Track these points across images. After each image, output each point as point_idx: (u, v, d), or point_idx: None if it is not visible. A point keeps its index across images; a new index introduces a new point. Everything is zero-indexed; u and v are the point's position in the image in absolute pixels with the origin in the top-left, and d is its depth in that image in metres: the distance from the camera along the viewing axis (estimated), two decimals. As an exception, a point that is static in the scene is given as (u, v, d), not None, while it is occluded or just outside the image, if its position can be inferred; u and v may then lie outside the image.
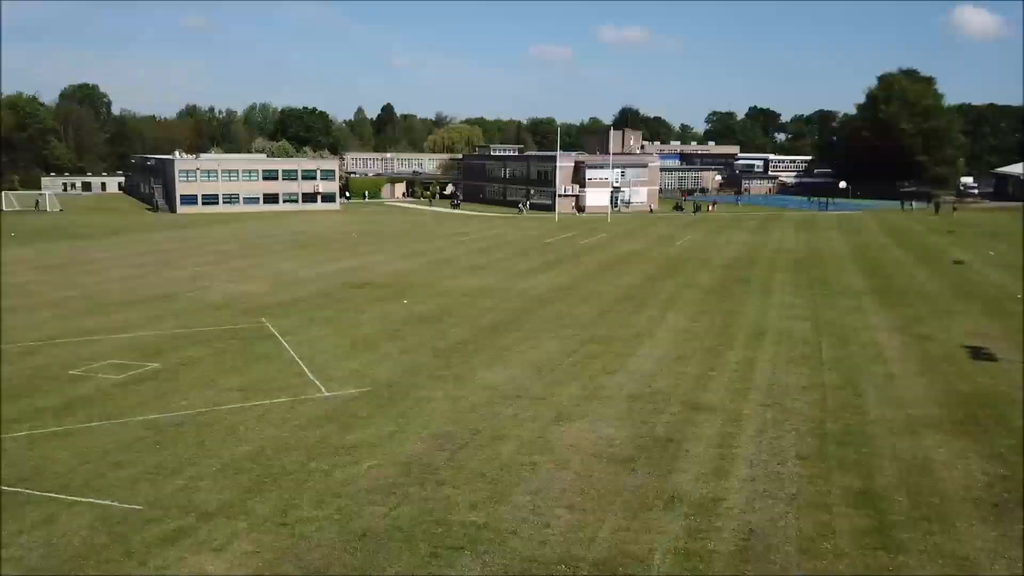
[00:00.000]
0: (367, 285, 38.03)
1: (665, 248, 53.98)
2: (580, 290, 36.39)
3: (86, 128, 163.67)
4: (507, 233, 66.09)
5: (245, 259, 48.40)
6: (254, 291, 36.50)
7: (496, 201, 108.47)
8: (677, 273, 41.79)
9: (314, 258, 48.61)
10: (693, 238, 61.06)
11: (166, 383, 21.41)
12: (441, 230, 68.29)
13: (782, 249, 53.15)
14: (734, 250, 52.47)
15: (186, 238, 61.06)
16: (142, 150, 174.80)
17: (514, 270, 43.32)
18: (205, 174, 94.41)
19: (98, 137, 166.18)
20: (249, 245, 56.06)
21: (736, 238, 60.49)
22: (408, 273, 42.16)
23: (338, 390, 20.70)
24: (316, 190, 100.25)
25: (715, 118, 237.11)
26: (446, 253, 51.50)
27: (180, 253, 51.37)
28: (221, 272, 42.71)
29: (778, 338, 26.54)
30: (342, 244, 56.54)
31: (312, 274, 41.94)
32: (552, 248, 54.23)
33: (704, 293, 35.52)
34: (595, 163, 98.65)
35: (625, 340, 26.24)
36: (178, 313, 31.27)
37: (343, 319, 30.11)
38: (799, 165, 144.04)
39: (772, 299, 33.98)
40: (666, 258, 48.25)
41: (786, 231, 66.39)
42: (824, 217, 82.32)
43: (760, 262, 46.25)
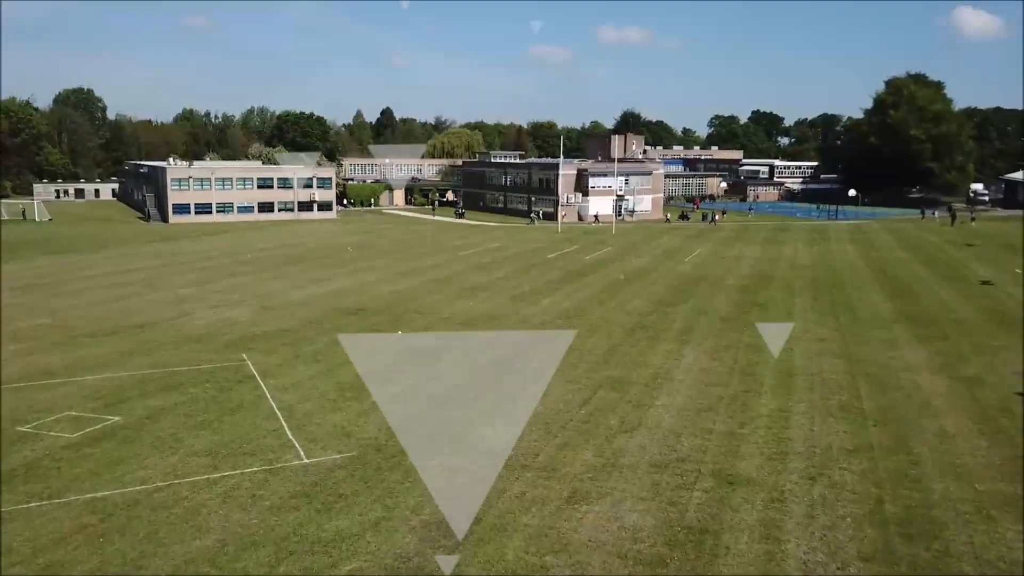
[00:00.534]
0: (360, 311, 35.51)
1: (674, 264, 51.46)
2: (587, 317, 33.88)
3: (81, 133, 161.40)
4: (508, 246, 63.57)
5: (233, 278, 45.88)
6: (238, 318, 33.99)
7: (497, 209, 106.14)
8: (690, 296, 39.26)
9: (306, 276, 46.09)
10: (702, 252, 58.55)
11: (125, 445, 18.89)
12: (440, 243, 65.78)
13: (797, 265, 50.63)
14: (747, 267, 49.96)
15: (174, 253, 58.55)
16: (138, 155, 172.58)
17: (516, 291, 40.80)
18: (198, 183, 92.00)
19: (93, 142, 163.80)
20: (239, 261, 53.54)
21: (747, 252, 57.98)
22: (404, 295, 39.64)
23: (319, 454, 18.20)
24: (312, 198, 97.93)
25: (718, 122, 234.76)
26: (445, 270, 48.99)
27: (165, 271, 48.86)
28: (206, 294, 40.19)
29: (810, 381, 24.01)
30: (336, 260, 54.03)
31: (302, 296, 39.43)
32: (555, 264, 51.72)
33: (721, 322, 32.99)
34: (598, 171, 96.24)
35: (641, 385, 23.72)
36: (153, 347, 28.75)
37: (332, 355, 27.59)
38: (805, 171, 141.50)
39: (795, 329, 31.44)
40: (676, 277, 45.71)
41: (798, 244, 63.87)
42: (835, 227, 79.81)
43: (776, 282, 43.72)
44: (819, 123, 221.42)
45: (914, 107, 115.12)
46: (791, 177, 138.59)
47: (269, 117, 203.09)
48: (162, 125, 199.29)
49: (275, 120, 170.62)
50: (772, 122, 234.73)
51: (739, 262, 52.19)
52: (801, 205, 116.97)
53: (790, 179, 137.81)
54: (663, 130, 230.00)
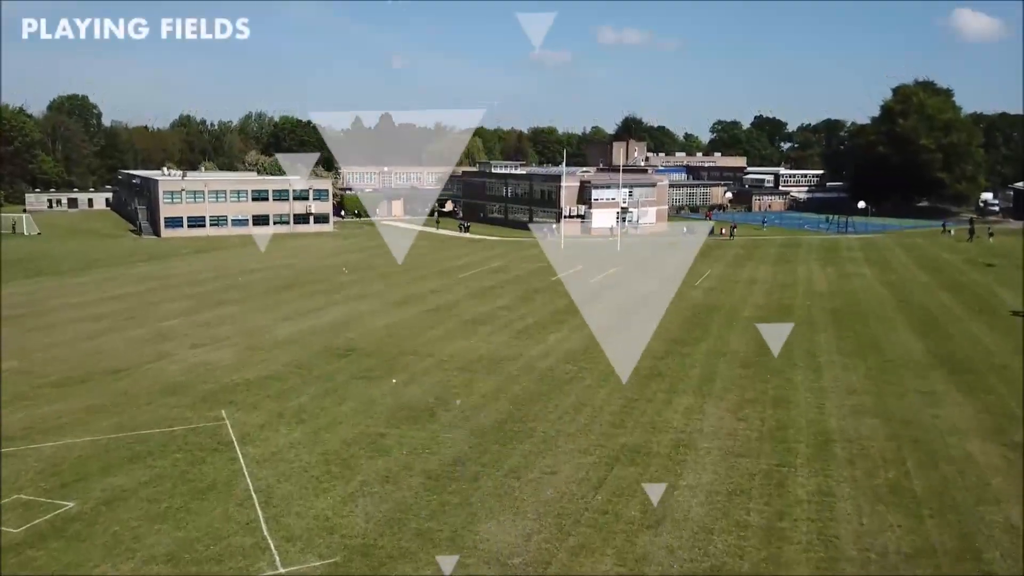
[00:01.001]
0: (351, 352, 33.04)
1: (685, 289, 48.98)
2: (597, 360, 31.41)
3: (75, 141, 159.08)
4: (510, 266, 61.12)
5: (220, 307, 43.42)
6: (221, 361, 31.54)
7: (497, 221, 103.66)
8: (705, 332, 36.82)
9: (297, 306, 43.63)
10: (712, 273, 56.09)
11: (75, 545, 16.45)
12: (440, 262, 63.32)
13: (813, 291, 48.18)
14: (761, 294, 47.52)
15: (161, 275, 56.07)
16: (133, 162, 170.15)
17: (520, 324, 38.35)
18: (191, 195, 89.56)
19: (88, 149, 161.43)
20: (227, 285, 51.09)
21: (759, 275, 55.55)
22: (400, 330, 37.19)
23: (297, 561, 15.76)
24: (308, 211, 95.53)
25: (720, 127, 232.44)
26: (443, 297, 46.56)
27: (150, 298, 46.40)
28: (189, 329, 37.74)
29: (849, 452, 21.56)
30: (330, 284, 51.58)
31: (291, 331, 36.99)
32: (560, 289, 49.27)
33: (741, 367, 30.54)
34: (601, 183, 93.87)
35: (663, 456, 21.27)
36: (123, 401, 26.30)
37: (318, 412, 25.13)
38: (810, 179, 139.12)
39: (823, 377, 28.99)
40: (689, 306, 43.26)
41: (811, 263, 61.44)
42: (846, 243, 77.38)
43: (795, 313, 41.28)
44: (822, 128, 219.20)
45: (924, 116, 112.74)
46: (796, 186, 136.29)
47: (267, 122, 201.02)
48: (158, 131, 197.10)
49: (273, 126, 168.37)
50: (775, 127, 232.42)
51: (752, 288, 49.74)
52: (808, 216, 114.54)
53: (795, 188, 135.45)
54: (665, 135, 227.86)
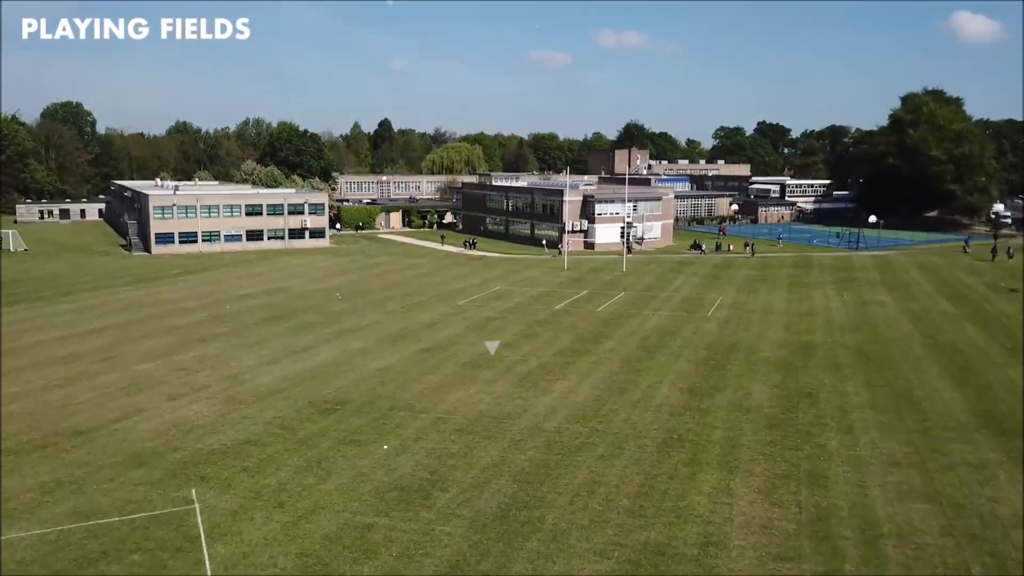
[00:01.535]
0: (340, 406, 30.31)
1: (697, 322, 46.30)
2: (610, 419, 28.68)
3: (69, 149, 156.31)
4: (512, 291, 58.40)
5: (203, 345, 40.70)
6: (196, 418, 28.82)
7: (498, 235, 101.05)
8: (723, 378, 34.09)
9: (284, 343, 40.92)
10: (723, 301, 53.41)
11: None
12: (438, 286, 60.61)
13: (834, 325, 45.44)
14: (779, 328, 44.79)
15: (145, 303, 53.34)
16: (128, 170, 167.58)
17: (522, 369, 35.61)
18: (182, 210, 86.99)
19: (82, 158, 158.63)
20: (213, 316, 48.36)
21: (774, 302, 52.85)
22: (393, 376, 34.47)
23: None
24: (304, 225, 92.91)
25: (723, 134, 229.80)
26: (441, 331, 43.83)
27: (130, 332, 43.68)
28: (167, 374, 35.02)
29: (903, 553, 18.84)
30: (322, 314, 48.86)
31: (277, 378, 34.27)
32: (564, 321, 46.56)
33: (767, 427, 27.80)
34: (605, 197, 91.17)
35: (689, 560, 18.55)
36: (84, 476, 23.60)
37: (300, 492, 22.41)
38: (817, 189, 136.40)
39: (859, 442, 26.26)
40: (704, 343, 40.53)
41: (827, 288, 58.70)
42: (860, 261, 74.65)
43: (817, 353, 38.55)
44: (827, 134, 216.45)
45: (934, 126, 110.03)
46: (803, 196, 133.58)
47: (265, 129, 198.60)
48: (154, 138, 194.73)
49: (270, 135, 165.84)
50: (778, 133, 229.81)
51: (768, 319, 47.00)
52: (816, 229, 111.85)
53: (802, 198, 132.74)
54: (667, 142, 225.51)
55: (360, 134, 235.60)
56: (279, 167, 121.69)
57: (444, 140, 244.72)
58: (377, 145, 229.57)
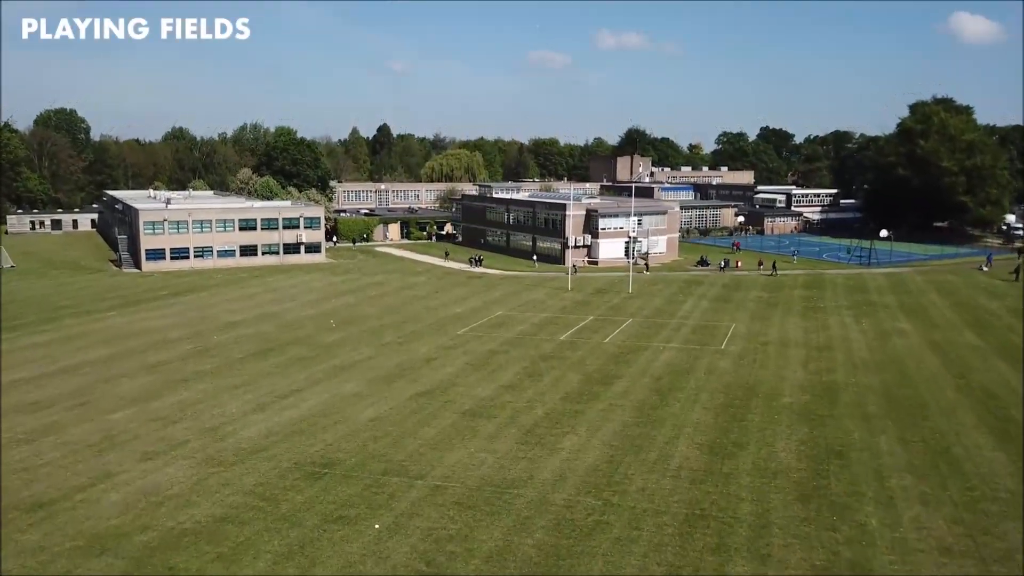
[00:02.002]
0: (328, 470, 27.68)
1: (711, 357, 43.71)
2: (624, 488, 26.08)
3: (62, 156, 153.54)
4: (514, 316, 55.82)
5: (184, 387, 38.10)
6: (170, 486, 26.23)
7: (499, 248, 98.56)
8: (744, 431, 31.50)
9: (272, 385, 38.33)
10: (738, 330, 50.85)
11: None
12: (437, 312, 58.03)
13: (855, 362, 42.83)
14: (797, 363, 42.20)
15: (129, 332, 50.73)
16: (123, 178, 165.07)
17: (527, 420, 33.00)
18: (173, 226, 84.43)
19: (75, 166, 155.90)
20: (199, 350, 45.75)
21: (789, 331, 50.28)
22: (387, 429, 31.88)
23: None
24: (299, 240, 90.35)
25: (725, 139, 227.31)
26: (439, 370, 41.23)
27: (108, 370, 41.09)
28: (142, 426, 32.42)
29: None
30: (313, 347, 46.28)
31: (262, 430, 31.70)
32: (570, 356, 43.97)
33: (798, 498, 25.19)
34: (609, 211, 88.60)
35: None
36: (37, 567, 20.99)
37: (278, 591, 19.82)
38: (823, 199, 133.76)
39: (902, 521, 23.66)
40: (720, 386, 37.94)
41: (843, 314, 56.12)
42: (873, 281, 72.05)
43: (842, 397, 35.97)
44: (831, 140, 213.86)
45: (945, 136, 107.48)
46: (809, 205, 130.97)
47: (262, 134, 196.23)
48: (150, 144, 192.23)
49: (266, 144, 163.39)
50: (782, 139, 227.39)
51: (786, 355, 44.39)
52: (825, 242, 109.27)
53: (808, 208, 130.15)
54: (669, 147, 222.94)
55: (359, 139, 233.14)
56: (275, 177, 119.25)
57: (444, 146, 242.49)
58: (376, 150, 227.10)
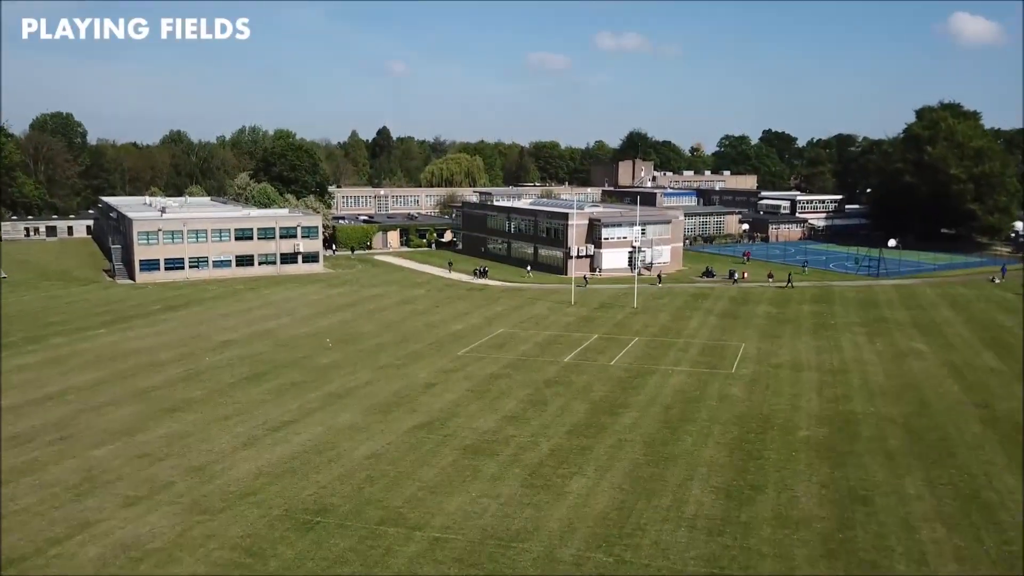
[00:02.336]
0: (320, 519, 25.95)
1: (722, 382, 42.04)
2: (636, 541, 24.39)
3: (58, 161, 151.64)
4: (516, 335, 54.16)
5: (172, 418, 36.41)
6: (151, 539, 24.54)
7: (499, 256, 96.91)
8: (761, 472, 29.83)
9: (264, 414, 36.65)
10: (748, 351, 49.19)
11: None
12: (437, 330, 56.37)
13: (872, 388, 41.15)
14: (812, 390, 40.54)
15: (117, 353, 48.99)
16: (120, 183, 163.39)
17: (531, 458, 31.30)
18: (168, 236, 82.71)
19: (72, 170, 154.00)
20: (190, 373, 44.04)
21: (802, 353, 48.60)
22: (383, 468, 30.21)
23: None
24: (296, 250, 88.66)
25: (728, 143, 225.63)
26: (439, 397, 39.54)
27: (94, 397, 39.37)
28: (126, 463, 30.73)
29: None
30: (308, 370, 44.59)
31: (250, 471, 30.00)
32: (576, 382, 42.29)
33: (824, 555, 23.51)
34: (612, 220, 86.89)
35: None
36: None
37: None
38: (828, 205, 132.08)
39: (939, 581, 21.98)
40: (733, 416, 36.27)
41: (855, 332, 54.46)
42: (884, 294, 70.37)
43: (862, 433, 34.27)
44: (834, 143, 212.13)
45: (953, 143, 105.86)
46: (814, 212, 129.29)
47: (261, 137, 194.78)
48: (147, 148, 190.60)
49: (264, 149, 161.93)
50: (784, 142, 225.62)
51: (799, 379, 42.69)
52: (831, 249, 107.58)
53: (813, 214, 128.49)
54: (671, 151, 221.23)
55: (358, 141, 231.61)
56: (273, 183, 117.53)
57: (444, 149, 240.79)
58: (376, 154, 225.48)
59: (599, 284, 78.27)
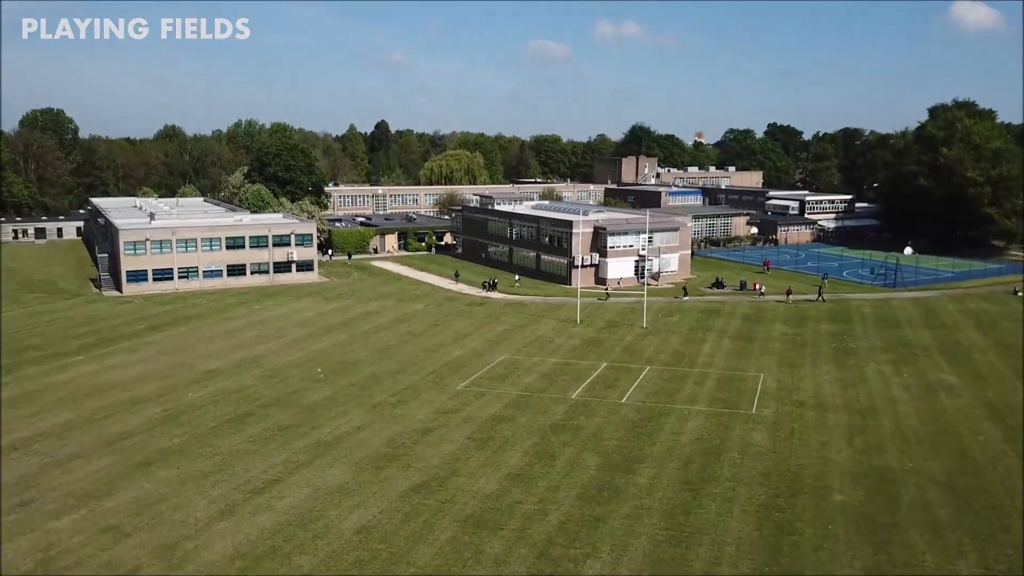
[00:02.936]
0: (302, 622, 22.88)
1: (744, 428, 38.92)
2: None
3: (49, 159, 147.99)
4: (519, 362, 51.07)
5: (145, 474, 33.31)
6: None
7: (500, 264, 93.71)
8: (797, 553, 26.77)
9: (244, 471, 33.56)
10: (767, 384, 46.10)
11: None
12: (435, 352, 53.26)
13: (907, 434, 38.04)
14: (841, 438, 37.43)
15: (94, 388, 45.84)
16: (113, 180, 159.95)
17: (538, 533, 28.20)
18: (156, 246, 79.55)
19: (63, 168, 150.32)
20: (167, 416, 40.88)
21: (825, 389, 45.47)
22: (375, 549, 27.13)
23: None
24: (290, 258, 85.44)
25: (732, 136, 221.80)
26: (436, 452, 36.42)
27: (62, 447, 36.23)
28: (86, 543, 27.63)
29: None
30: (296, 413, 41.47)
31: (227, 548, 26.95)
32: (585, 427, 39.19)
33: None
34: (618, 228, 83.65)
35: None
36: None
37: None
38: (838, 205, 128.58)
39: None
40: (758, 476, 33.18)
41: (880, 361, 51.29)
42: (903, 311, 67.20)
43: (903, 498, 31.19)
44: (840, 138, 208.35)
45: (970, 144, 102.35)
46: (823, 212, 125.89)
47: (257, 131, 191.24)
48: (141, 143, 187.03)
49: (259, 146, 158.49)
50: (789, 136, 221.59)
51: (825, 423, 39.56)
52: (842, 254, 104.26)
53: (822, 215, 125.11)
54: (674, 144, 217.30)
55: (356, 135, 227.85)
56: (268, 184, 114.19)
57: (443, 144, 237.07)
58: (374, 148, 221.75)
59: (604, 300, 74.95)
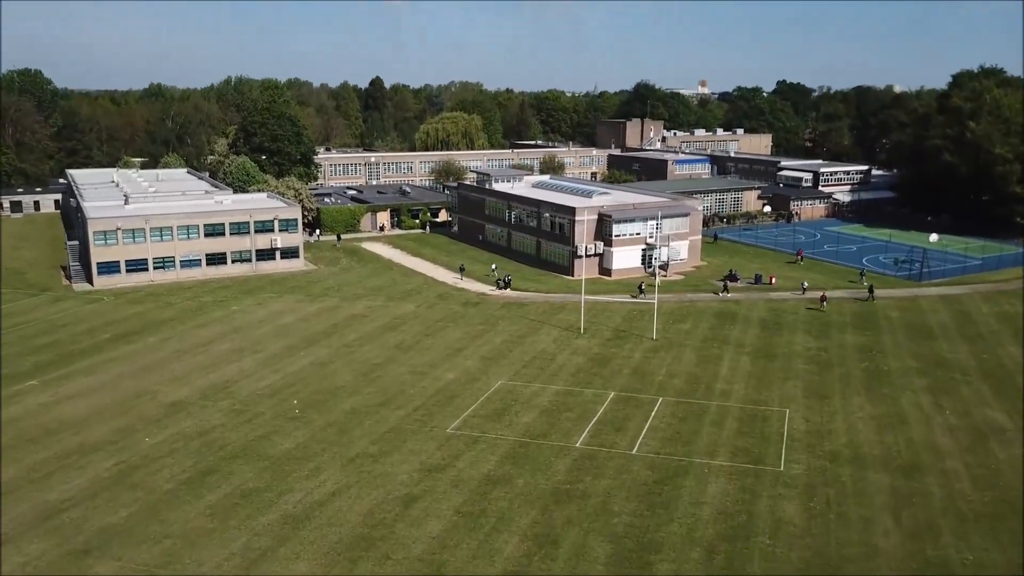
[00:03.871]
0: None
1: (770, 495, 34.08)
2: None
3: (28, 123, 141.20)
4: (517, 390, 46.17)
5: (80, 565, 28.46)
6: None
7: (498, 248, 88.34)
8: None
9: (196, 559, 28.70)
10: (794, 423, 41.20)
11: None
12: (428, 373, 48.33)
13: (961, 508, 33.26)
14: (886, 511, 32.62)
15: (39, 428, 40.90)
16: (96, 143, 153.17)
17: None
18: (129, 235, 74.04)
19: (43, 132, 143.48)
20: (118, 472, 36.01)
21: (859, 428, 40.64)
22: None
23: None
24: (273, 245, 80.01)
25: (739, 94, 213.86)
26: (419, 535, 31.63)
27: None
28: None
29: None
30: (263, 464, 36.61)
31: None
32: (592, 492, 34.35)
33: None
34: (624, 216, 77.89)
35: None
36: None
37: None
38: (853, 177, 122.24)
39: None
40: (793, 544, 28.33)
41: (917, 390, 46.31)
42: (934, 314, 62.04)
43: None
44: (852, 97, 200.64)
45: (1000, 118, 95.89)
46: (838, 184, 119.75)
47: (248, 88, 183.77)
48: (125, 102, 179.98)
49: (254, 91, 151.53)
50: (799, 95, 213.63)
51: (867, 488, 34.69)
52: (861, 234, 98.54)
53: (836, 187, 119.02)
54: (680, 102, 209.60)
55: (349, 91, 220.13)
56: (253, 155, 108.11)
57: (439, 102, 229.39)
58: (368, 106, 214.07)
59: (609, 287, 69.49)
